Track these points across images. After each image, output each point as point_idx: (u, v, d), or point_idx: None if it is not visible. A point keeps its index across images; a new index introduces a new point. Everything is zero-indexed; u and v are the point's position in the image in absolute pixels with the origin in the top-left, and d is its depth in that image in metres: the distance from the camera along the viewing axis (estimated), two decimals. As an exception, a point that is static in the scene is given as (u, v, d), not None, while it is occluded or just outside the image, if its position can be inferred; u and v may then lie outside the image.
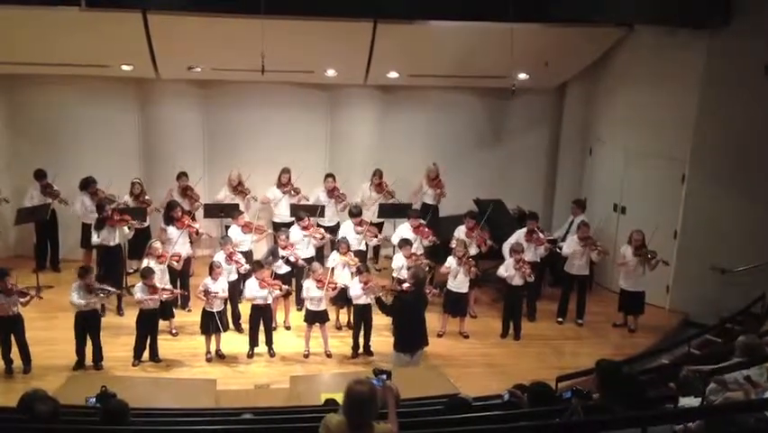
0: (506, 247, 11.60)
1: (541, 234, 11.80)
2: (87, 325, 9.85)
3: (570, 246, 11.72)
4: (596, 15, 11.54)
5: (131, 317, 10.56)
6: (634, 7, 11.42)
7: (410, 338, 9.59)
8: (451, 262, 11.11)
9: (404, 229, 11.90)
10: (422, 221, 11.89)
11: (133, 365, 10.09)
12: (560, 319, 11.95)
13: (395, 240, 11.82)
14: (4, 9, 10.14)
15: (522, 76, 11.85)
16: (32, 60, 11.50)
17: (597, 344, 11.28)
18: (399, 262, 11.10)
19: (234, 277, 10.87)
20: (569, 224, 12.54)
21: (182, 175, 12.58)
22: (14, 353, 9.72)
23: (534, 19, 11.34)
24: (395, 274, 11.13)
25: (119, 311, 11.40)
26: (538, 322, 11.91)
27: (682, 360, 9.28)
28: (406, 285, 9.91)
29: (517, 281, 11.15)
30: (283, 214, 12.66)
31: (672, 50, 11.83)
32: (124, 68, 12.11)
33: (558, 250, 11.91)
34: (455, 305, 11.24)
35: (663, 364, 9.52)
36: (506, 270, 11.20)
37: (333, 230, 12.21)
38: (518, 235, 11.72)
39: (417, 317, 9.60)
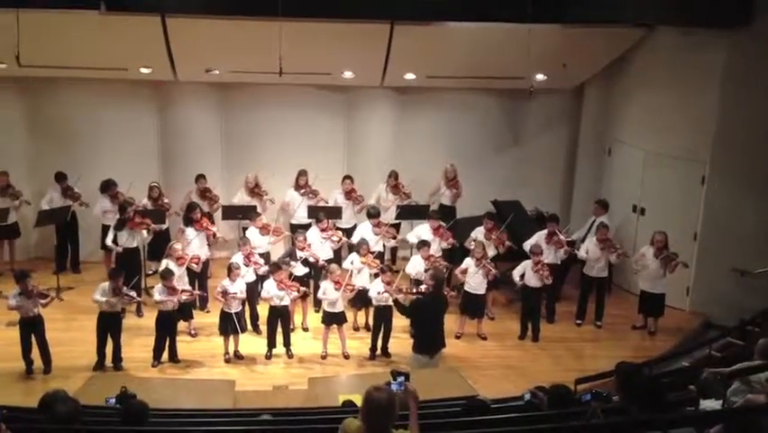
0: (526, 248, 11.56)
1: (561, 237, 11.75)
2: (109, 325, 9.94)
3: (588, 249, 11.65)
4: (614, 16, 11.47)
5: (150, 318, 10.63)
6: (653, 7, 11.35)
7: (429, 340, 9.55)
8: (468, 263, 11.09)
9: (423, 230, 11.88)
10: (441, 223, 11.87)
11: (153, 366, 10.14)
12: (579, 321, 11.89)
13: (413, 240, 11.81)
14: (26, 13, 10.23)
15: (540, 77, 11.84)
16: (53, 63, 11.58)
17: (616, 346, 11.21)
18: (416, 263, 11.10)
19: (252, 278, 10.90)
20: (590, 224, 12.45)
21: (200, 177, 12.65)
22: (35, 353, 9.81)
23: (553, 20, 11.30)
24: (412, 276, 11.11)
25: (138, 312, 11.46)
26: (557, 324, 11.85)
27: (703, 362, 9.19)
28: (424, 286, 9.89)
29: (535, 283, 11.10)
30: (300, 216, 12.68)
31: (691, 51, 11.73)
32: (143, 70, 12.19)
33: (576, 252, 11.85)
34: (473, 306, 11.22)
35: (684, 367, 9.42)
36: (520, 273, 11.14)
37: (351, 232, 12.22)
38: (539, 237, 11.67)
39: (436, 318, 9.56)
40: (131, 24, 11.06)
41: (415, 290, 10.07)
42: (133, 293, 10.09)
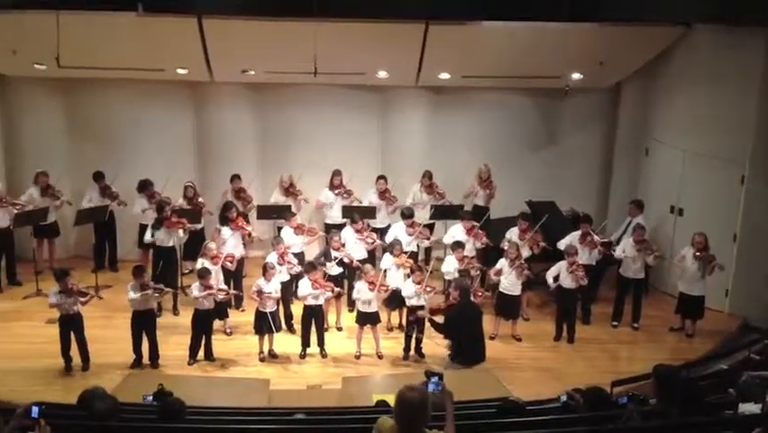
0: (561, 247, 11.47)
1: (595, 237, 11.63)
2: (144, 323, 10.05)
3: (625, 250, 11.52)
4: (652, 14, 11.31)
5: (186, 316, 10.72)
6: (691, 6, 11.18)
7: (470, 351, 9.47)
8: (502, 263, 11.03)
9: (456, 231, 11.85)
10: (474, 223, 11.83)
11: (189, 364, 10.24)
12: (615, 323, 11.76)
13: (447, 241, 11.78)
14: (65, 15, 10.41)
15: (576, 76, 11.73)
16: (91, 65, 11.74)
17: (653, 348, 11.07)
18: (451, 265, 11.07)
19: (287, 278, 10.96)
20: (626, 225, 12.31)
21: (235, 178, 12.75)
22: (74, 351, 9.96)
23: (589, 18, 11.19)
24: (446, 277, 11.08)
25: (174, 311, 11.59)
26: (592, 326, 11.73)
27: (742, 365, 9.04)
28: (451, 298, 9.86)
29: (570, 284, 11.01)
30: (335, 216, 12.74)
31: (730, 49, 11.54)
32: (180, 71, 12.31)
33: (612, 252, 11.73)
34: (507, 307, 11.15)
35: (722, 370, 9.28)
36: (554, 274, 11.06)
37: (385, 232, 12.23)
38: (572, 238, 11.57)
39: (472, 328, 9.46)
40: (168, 25, 11.19)
41: (443, 307, 10.02)
42: (161, 286, 10.16)
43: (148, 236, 11.56)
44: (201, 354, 10.34)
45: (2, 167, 13.13)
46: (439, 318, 10.04)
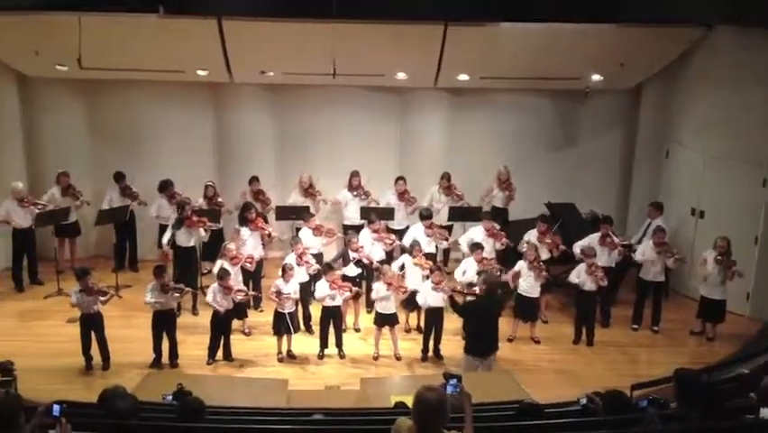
0: (576, 249, 11.41)
1: (615, 239, 11.56)
2: (164, 323, 10.11)
3: (644, 252, 11.45)
4: (673, 15, 11.23)
5: (205, 316, 10.76)
6: (712, 7, 11.09)
7: (480, 342, 9.48)
8: (521, 265, 10.99)
9: (476, 232, 11.83)
10: (494, 224, 11.81)
11: (208, 364, 10.28)
12: (635, 326, 11.68)
13: (465, 243, 11.76)
14: (87, 17, 10.50)
15: (595, 77, 11.68)
16: (112, 66, 11.85)
17: (673, 352, 10.98)
18: (469, 266, 11.04)
19: (305, 279, 10.98)
20: (645, 227, 12.23)
21: (254, 179, 12.80)
22: (94, 350, 10.03)
23: (609, 19, 11.13)
24: (462, 278, 11.05)
25: (194, 311, 11.66)
26: (612, 329, 11.66)
27: (763, 369, 8.95)
28: (477, 288, 9.85)
29: (590, 286, 10.95)
30: (353, 216, 12.75)
31: (752, 51, 11.45)
32: (200, 72, 12.38)
33: (632, 254, 11.65)
34: (526, 310, 11.11)
35: (743, 374, 9.19)
36: (577, 275, 11.01)
37: (403, 233, 12.22)
38: (591, 239, 11.50)
39: (489, 321, 9.47)
40: (188, 27, 11.25)
41: (467, 291, 10.03)
42: (181, 285, 10.20)
43: (167, 236, 11.62)
44: (220, 354, 10.39)
45: (24, 167, 13.27)
46: (459, 299, 10.04)
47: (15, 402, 5.05)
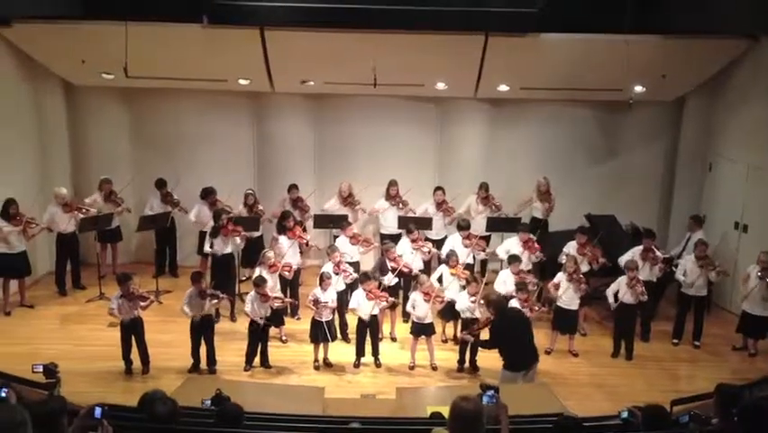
0: (622, 262, 11.29)
1: (658, 253, 11.41)
2: (203, 329, 10.19)
3: (686, 269, 11.27)
4: (717, 27, 11.07)
5: (243, 323, 10.86)
6: (758, 18, 10.90)
7: (517, 358, 9.37)
8: (560, 277, 10.91)
9: (512, 243, 11.77)
10: (531, 236, 11.74)
11: (245, 370, 10.34)
12: (675, 341, 11.50)
13: (502, 254, 11.70)
14: (133, 26, 10.69)
15: (638, 88, 11.55)
16: (157, 75, 12.03)
17: (714, 367, 10.79)
18: (507, 277, 10.97)
19: (342, 287, 11.01)
20: (686, 240, 12.08)
21: (293, 187, 12.88)
22: (134, 354, 10.16)
23: (652, 30, 11.02)
24: (501, 290, 10.98)
25: (232, 317, 11.75)
26: (652, 343, 11.49)
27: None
28: (485, 318, 9.79)
29: (629, 300, 10.81)
30: (391, 226, 12.77)
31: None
32: (242, 82, 12.53)
33: (673, 270, 11.49)
34: (564, 322, 11.01)
35: (787, 391, 9.01)
36: (616, 290, 10.86)
37: (441, 243, 12.20)
38: (634, 252, 11.37)
39: (520, 336, 9.35)
40: (231, 37, 11.40)
41: (482, 325, 9.91)
42: (218, 292, 10.29)
43: (207, 247, 11.74)
44: (257, 360, 10.45)
45: (68, 173, 13.53)
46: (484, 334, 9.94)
47: (60, 404, 5.13)
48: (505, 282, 10.95)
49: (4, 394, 5.49)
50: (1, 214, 11.38)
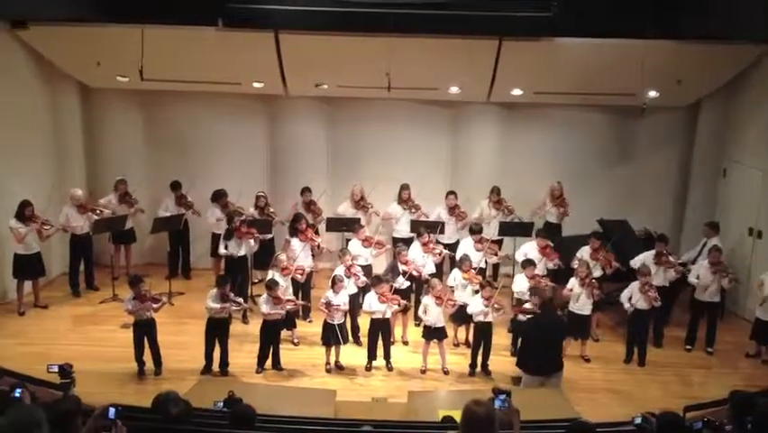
0: (634, 265, 11.25)
1: (671, 258, 11.36)
2: (218, 331, 10.21)
3: (699, 274, 11.22)
4: (732, 32, 11.03)
5: (255, 325, 10.87)
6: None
7: (537, 360, 9.33)
8: (573, 283, 10.88)
9: (529, 248, 11.75)
10: (549, 243, 11.71)
11: (257, 372, 10.37)
12: (688, 347, 11.45)
13: (520, 258, 11.70)
14: (149, 29, 10.76)
15: (652, 94, 11.50)
16: (172, 77, 12.10)
17: (727, 374, 10.73)
18: (520, 282, 10.97)
19: (354, 290, 11.02)
20: (701, 246, 12.02)
21: (306, 190, 12.90)
22: (147, 355, 10.19)
23: (668, 36, 10.98)
24: (516, 296, 10.99)
25: (244, 319, 11.77)
26: (665, 349, 11.43)
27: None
28: (528, 305, 9.81)
29: (643, 305, 10.77)
30: (403, 229, 12.79)
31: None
32: (256, 85, 12.58)
33: (687, 273, 11.44)
34: (577, 327, 10.96)
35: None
36: (629, 296, 10.83)
37: (453, 247, 12.19)
38: (646, 257, 11.33)
39: (551, 339, 9.32)
40: (246, 40, 11.45)
41: (523, 309, 9.98)
42: (240, 299, 10.35)
43: (222, 249, 11.79)
44: (269, 363, 10.47)
45: (84, 174, 13.60)
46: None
47: (74, 404, 5.17)
48: (519, 286, 10.95)
49: (18, 394, 5.54)
50: (17, 215, 11.45)
